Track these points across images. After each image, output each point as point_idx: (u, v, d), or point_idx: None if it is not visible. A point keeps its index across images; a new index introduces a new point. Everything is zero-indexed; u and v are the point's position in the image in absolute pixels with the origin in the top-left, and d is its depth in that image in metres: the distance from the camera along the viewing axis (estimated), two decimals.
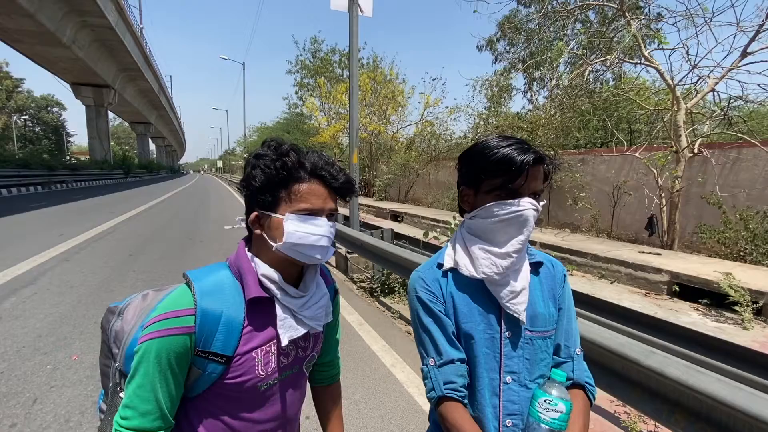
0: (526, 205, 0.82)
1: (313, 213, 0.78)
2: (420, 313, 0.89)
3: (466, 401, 0.85)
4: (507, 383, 0.86)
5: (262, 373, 0.80)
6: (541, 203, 0.86)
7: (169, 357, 0.72)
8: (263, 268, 0.80)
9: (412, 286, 0.91)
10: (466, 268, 0.87)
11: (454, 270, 0.90)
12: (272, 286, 0.79)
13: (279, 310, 0.80)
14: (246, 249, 0.83)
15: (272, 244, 0.78)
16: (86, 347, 3.18)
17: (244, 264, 0.80)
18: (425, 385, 0.88)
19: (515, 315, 0.85)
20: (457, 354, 0.85)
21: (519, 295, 0.85)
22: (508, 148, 0.80)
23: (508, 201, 0.82)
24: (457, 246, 0.92)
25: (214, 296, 0.76)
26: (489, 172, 0.82)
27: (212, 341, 0.74)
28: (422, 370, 0.89)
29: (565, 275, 0.97)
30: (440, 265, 0.92)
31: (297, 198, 0.77)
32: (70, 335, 3.40)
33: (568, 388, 0.87)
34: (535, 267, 0.93)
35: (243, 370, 0.77)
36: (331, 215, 0.82)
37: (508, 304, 0.84)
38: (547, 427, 0.77)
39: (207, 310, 0.74)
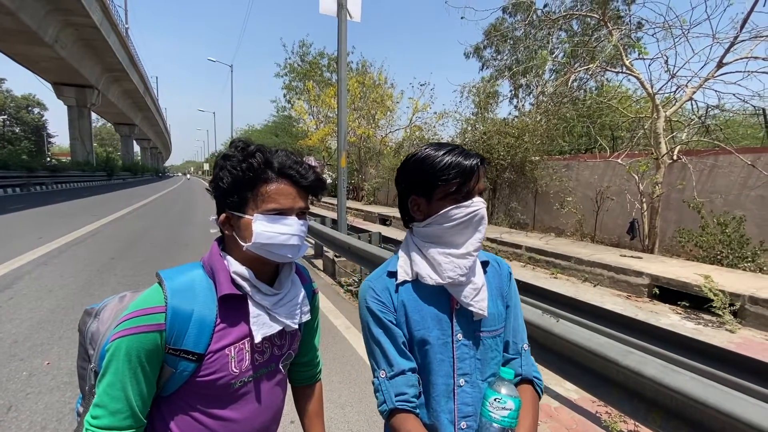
0: (480, 205, 0.85)
1: (282, 212, 0.79)
2: (370, 325, 0.87)
3: (417, 411, 0.85)
4: (461, 386, 0.86)
5: (235, 370, 0.80)
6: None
7: (139, 355, 0.72)
8: (235, 266, 0.80)
9: (362, 297, 0.90)
10: (430, 277, 0.86)
11: (407, 281, 0.89)
12: (244, 284, 0.80)
13: (252, 307, 0.81)
14: (219, 248, 0.84)
15: (243, 244, 0.78)
16: (64, 353, 3.09)
17: (216, 262, 0.81)
18: (377, 398, 0.86)
19: (479, 311, 0.85)
20: (408, 364, 0.85)
21: (480, 292, 0.86)
22: (452, 154, 0.84)
23: (464, 203, 0.84)
24: (414, 255, 0.90)
25: (185, 294, 0.76)
26: (443, 178, 0.83)
27: (183, 339, 0.74)
28: (373, 383, 0.87)
29: (510, 273, 0.98)
30: (391, 273, 0.91)
31: (265, 198, 0.78)
32: (48, 341, 3.30)
33: (517, 384, 0.89)
34: (483, 266, 0.93)
35: (216, 367, 0.77)
36: (303, 213, 0.83)
37: (472, 302, 0.85)
38: (498, 425, 0.78)
39: (178, 308, 0.74)
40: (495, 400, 0.79)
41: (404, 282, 0.89)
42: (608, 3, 10.57)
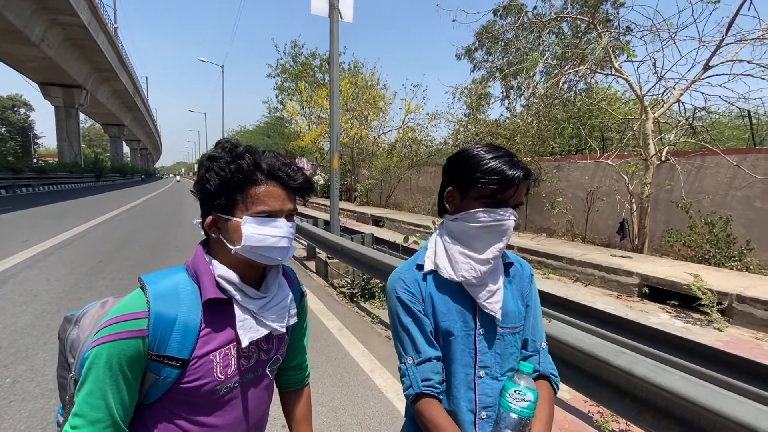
0: (509, 217, 0.87)
1: (272, 215, 0.77)
2: (400, 313, 0.92)
3: (441, 397, 0.89)
4: (481, 377, 0.90)
5: (220, 376, 0.78)
6: None
7: (120, 362, 0.69)
8: (221, 270, 0.79)
9: (392, 287, 0.94)
10: (446, 271, 0.91)
11: (434, 271, 0.94)
12: (230, 288, 0.78)
13: (238, 312, 0.79)
14: (204, 251, 0.82)
15: (231, 247, 0.77)
16: (49, 359, 3.02)
17: (200, 266, 0.79)
18: (402, 382, 0.90)
19: (491, 313, 0.90)
20: (434, 352, 0.89)
21: (495, 295, 0.91)
22: (499, 160, 0.85)
23: (495, 209, 0.86)
24: (437, 248, 0.95)
25: (168, 299, 0.74)
26: (481, 181, 0.85)
27: (167, 345, 0.72)
28: (400, 369, 0.91)
29: (531, 275, 1.03)
30: (419, 266, 0.96)
31: (254, 201, 0.76)
32: (33, 346, 3.22)
33: (534, 379, 0.93)
34: (506, 267, 0.98)
35: (200, 373, 0.75)
36: (291, 215, 0.82)
37: (485, 303, 0.89)
38: (516, 415, 0.83)
39: (161, 313, 0.72)
40: (515, 391, 0.84)
41: (430, 271, 0.94)
42: (598, 6, 10.70)
